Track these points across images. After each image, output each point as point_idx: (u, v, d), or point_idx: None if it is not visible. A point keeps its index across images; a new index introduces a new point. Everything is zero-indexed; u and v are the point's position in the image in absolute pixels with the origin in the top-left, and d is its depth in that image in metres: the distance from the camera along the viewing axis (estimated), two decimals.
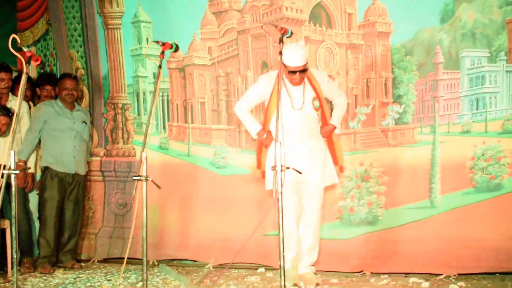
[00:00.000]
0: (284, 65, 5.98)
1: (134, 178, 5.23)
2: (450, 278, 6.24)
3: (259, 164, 6.44)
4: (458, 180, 6.60)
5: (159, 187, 5.41)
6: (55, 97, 7.69)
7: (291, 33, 5.54)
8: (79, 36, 8.32)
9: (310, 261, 6.40)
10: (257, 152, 6.47)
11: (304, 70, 6.06)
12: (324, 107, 6.25)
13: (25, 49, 5.48)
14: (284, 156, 5.13)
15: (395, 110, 6.91)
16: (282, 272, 4.78)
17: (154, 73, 8.09)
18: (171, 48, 5.84)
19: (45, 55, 9.02)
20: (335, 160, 6.41)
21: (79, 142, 7.60)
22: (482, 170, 6.52)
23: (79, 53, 8.33)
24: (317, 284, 6.18)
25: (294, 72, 6.03)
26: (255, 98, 6.39)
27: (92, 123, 8.12)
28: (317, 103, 6.21)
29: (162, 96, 8.00)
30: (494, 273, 6.28)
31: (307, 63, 6.06)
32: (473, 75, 6.62)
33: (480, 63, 6.58)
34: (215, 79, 7.79)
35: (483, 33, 6.56)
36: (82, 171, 7.65)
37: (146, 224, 5.23)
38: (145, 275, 5.26)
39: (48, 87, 7.82)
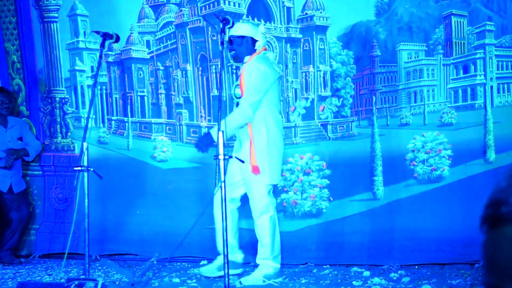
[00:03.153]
0: None
1: (75, 168, 5.13)
2: (391, 267, 6.11)
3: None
4: (399, 172, 6.49)
5: (100, 177, 5.31)
6: None
7: (233, 23, 5.30)
8: (14, 29, 7.82)
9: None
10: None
11: (233, 42, 5.65)
12: None
13: None
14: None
15: (333, 104, 6.73)
16: (226, 261, 4.65)
17: (91, 67, 7.68)
18: (111, 38, 5.64)
19: None
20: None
21: (15, 162, 7.18)
22: (423, 162, 6.41)
23: (15, 46, 7.81)
24: None
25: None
26: None
27: (29, 117, 7.69)
28: (238, 91, 5.66)
29: (100, 90, 7.61)
30: (435, 264, 6.18)
31: (237, 36, 5.64)
32: (410, 69, 6.51)
33: (417, 57, 6.47)
34: (154, 72, 7.46)
35: (420, 27, 6.45)
36: (20, 189, 7.27)
37: (88, 214, 5.13)
38: (87, 265, 5.16)
39: None
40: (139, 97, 7.52)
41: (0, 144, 7.06)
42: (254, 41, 5.65)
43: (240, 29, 5.65)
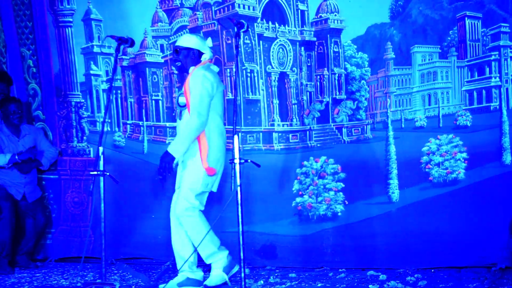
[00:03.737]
0: None
1: (91, 173, 5.12)
2: (408, 271, 6.09)
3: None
4: (414, 175, 6.44)
5: (116, 182, 5.29)
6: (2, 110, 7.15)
7: (247, 26, 5.20)
8: (30, 34, 7.85)
9: None
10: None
11: (177, 54, 5.60)
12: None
13: None
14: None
15: (348, 107, 6.67)
16: (243, 266, 4.69)
17: (106, 71, 7.69)
18: (126, 43, 5.63)
19: None
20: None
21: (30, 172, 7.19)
22: (438, 165, 6.35)
23: (30, 51, 7.84)
24: None
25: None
26: None
27: (45, 121, 7.75)
28: (182, 99, 5.51)
29: (115, 94, 7.61)
30: (452, 267, 6.13)
31: (183, 48, 5.56)
32: (424, 71, 6.45)
33: (432, 59, 6.41)
34: (169, 76, 7.45)
35: (434, 29, 6.39)
36: (34, 198, 7.26)
37: (105, 218, 5.15)
38: (103, 269, 5.15)
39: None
40: (153, 101, 7.50)
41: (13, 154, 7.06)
42: (200, 53, 5.59)
43: (188, 41, 5.60)
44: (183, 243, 5.62)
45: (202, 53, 5.58)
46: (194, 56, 5.55)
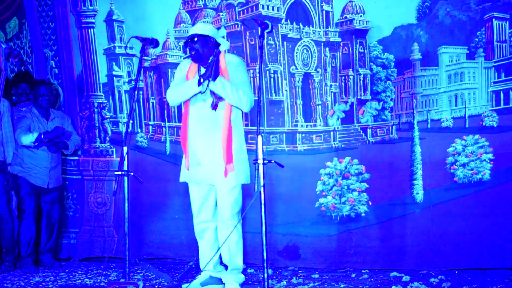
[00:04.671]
0: None
1: (116, 173, 5.11)
2: (431, 272, 6.05)
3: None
4: (439, 176, 6.39)
5: (141, 181, 5.32)
6: (31, 97, 7.15)
7: (272, 27, 5.13)
8: (53, 35, 7.88)
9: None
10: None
11: (194, 41, 5.35)
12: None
13: (3, 46, 5.01)
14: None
15: (373, 107, 6.65)
16: (266, 266, 4.70)
17: (128, 72, 7.69)
18: (151, 43, 5.60)
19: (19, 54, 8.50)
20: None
21: (55, 156, 7.13)
22: (464, 166, 6.31)
23: (53, 52, 7.85)
24: None
25: (186, 44, 5.44)
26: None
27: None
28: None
29: (138, 95, 7.55)
30: (476, 268, 6.09)
31: (201, 35, 5.35)
32: (451, 72, 6.41)
33: (459, 60, 6.37)
34: None
35: (461, 30, 6.36)
36: (57, 184, 7.21)
37: (128, 218, 5.14)
38: (127, 269, 5.16)
39: (23, 86, 7.32)
40: None
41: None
42: (216, 43, 5.44)
43: (205, 29, 5.43)
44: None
45: (218, 43, 5.44)
46: (212, 44, 5.39)
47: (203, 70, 5.38)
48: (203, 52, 5.35)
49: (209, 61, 5.33)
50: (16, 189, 7.01)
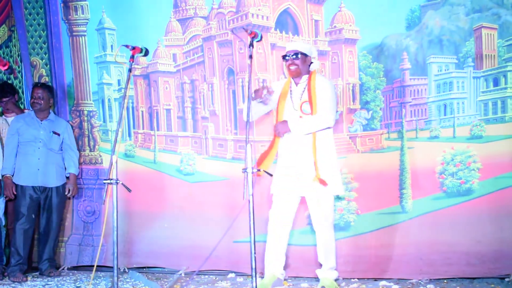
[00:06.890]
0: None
1: (105, 181, 5.10)
2: (420, 281, 6.05)
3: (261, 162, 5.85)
4: (428, 185, 6.38)
5: (129, 190, 5.24)
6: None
7: (261, 36, 5.26)
8: (44, 43, 7.82)
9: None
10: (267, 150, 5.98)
11: (296, 57, 5.73)
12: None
13: None
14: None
15: (362, 117, 6.59)
16: (254, 275, 4.68)
17: (118, 80, 7.65)
18: (140, 52, 5.62)
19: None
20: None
21: (45, 154, 7.01)
22: (452, 175, 6.29)
23: (44, 60, 7.77)
24: None
25: (285, 57, 5.78)
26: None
27: None
28: (306, 107, 5.74)
29: (127, 103, 7.45)
30: (465, 278, 6.08)
31: (303, 53, 5.77)
32: (440, 81, 6.41)
33: (448, 69, 6.37)
34: (180, 86, 7.38)
35: (450, 40, 6.36)
36: (50, 184, 7.03)
37: (117, 226, 5.09)
38: (115, 278, 5.07)
39: (4, 99, 7.25)
40: (165, 111, 7.44)
41: (32, 135, 6.98)
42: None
43: (307, 48, 5.84)
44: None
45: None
46: (309, 63, 5.82)
47: (294, 87, 5.84)
48: (302, 68, 5.75)
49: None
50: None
